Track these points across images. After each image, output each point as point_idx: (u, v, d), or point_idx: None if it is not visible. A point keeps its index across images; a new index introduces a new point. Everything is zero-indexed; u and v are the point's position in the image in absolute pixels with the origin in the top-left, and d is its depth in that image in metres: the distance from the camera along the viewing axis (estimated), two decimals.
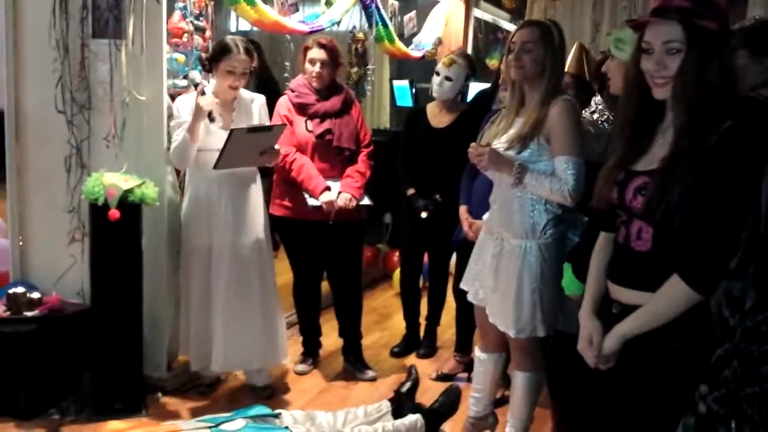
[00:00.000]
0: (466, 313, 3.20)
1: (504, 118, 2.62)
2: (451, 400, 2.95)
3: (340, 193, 3.28)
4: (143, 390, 3.12)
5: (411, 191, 3.73)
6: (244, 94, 3.18)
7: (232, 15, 4.41)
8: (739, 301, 1.64)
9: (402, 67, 6.33)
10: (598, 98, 2.86)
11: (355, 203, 3.30)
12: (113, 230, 2.90)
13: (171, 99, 3.18)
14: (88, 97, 3.14)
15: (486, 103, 3.51)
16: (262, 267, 3.19)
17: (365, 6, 4.47)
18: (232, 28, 5.24)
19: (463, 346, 3.67)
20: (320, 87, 3.38)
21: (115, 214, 2.85)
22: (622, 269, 1.72)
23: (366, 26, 4.67)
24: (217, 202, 3.09)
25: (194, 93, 3.13)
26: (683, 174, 1.52)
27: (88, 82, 3.13)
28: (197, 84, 3.16)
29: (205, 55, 3.22)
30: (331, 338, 3.80)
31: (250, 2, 3.33)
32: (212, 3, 3.54)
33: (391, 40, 4.82)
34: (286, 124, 3.26)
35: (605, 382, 1.73)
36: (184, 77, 3.38)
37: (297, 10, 3.83)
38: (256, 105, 3.19)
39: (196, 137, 2.95)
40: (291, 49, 4.34)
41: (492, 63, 6.62)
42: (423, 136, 3.74)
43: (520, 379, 2.67)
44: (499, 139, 2.55)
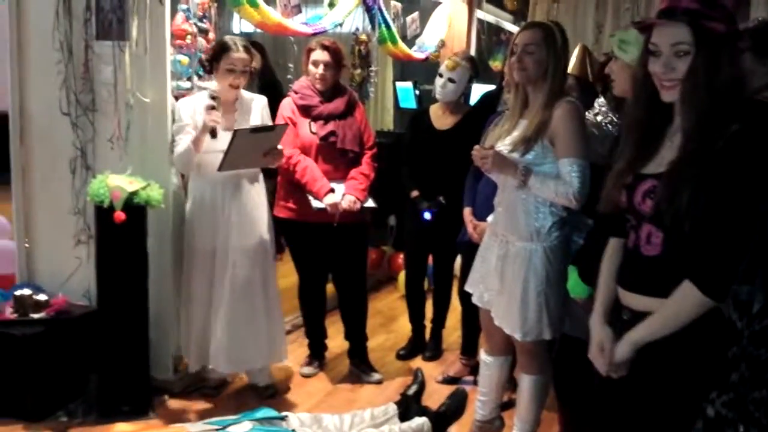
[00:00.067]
0: (472, 315, 3.19)
1: (507, 120, 2.61)
2: (458, 404, 2.95)
3: (345, 195, 3.28)
4: (150, 392, 3.12)
5: (415, 193, 3.72)
6: (246, 95, 3.18)
7: (235, 17, 4.41)
8: (747, 304, 1.63)
9: (405, 69, 6.30)
10: (602, 100, 2.84)
11: (359, 205, 3.30)
12: (119, 232, 2.91)
13: (175, 100, 3.18)
14: (92, 98, 3.14)
15: (491, 105, 3.51)
16: (264, 268, 3.19)
17: (368, 8, 4.48)
18: (236, 30, 5.23)
19: (469, 349, 3.66)
20: (324, 89, 3.37)
21: (120, 216, 2.85)
22: (632, 274, 1.70)
23: (369, 28, 4.67)
24: (220, 204, 3.09)
25: (195, 95, 3.14)
26: (691, 177, 1.51)
27: (92, 83, 3.13)
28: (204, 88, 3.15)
29: (205, 57, 3.22)
30: (337, 341, 3.79)
31: (253, 4, 3.34)
32: (215, 5, 3.54)
33: (394, 42, 4.82)
34: (288, 124, 3.26)
35: (614, 387, 1.71)
36: (188, 79, 3.38)
37: (300, 12, 3.83)
38: (257, 106, 3.19)
39: (200, 149, 2.98)
40: (294, 51, 4.34)
41: (495, 65, 6.63)
42: (426, 138, 3.73)
43: (526, 382, 2.66)
44: (503, 141, 2.55)
